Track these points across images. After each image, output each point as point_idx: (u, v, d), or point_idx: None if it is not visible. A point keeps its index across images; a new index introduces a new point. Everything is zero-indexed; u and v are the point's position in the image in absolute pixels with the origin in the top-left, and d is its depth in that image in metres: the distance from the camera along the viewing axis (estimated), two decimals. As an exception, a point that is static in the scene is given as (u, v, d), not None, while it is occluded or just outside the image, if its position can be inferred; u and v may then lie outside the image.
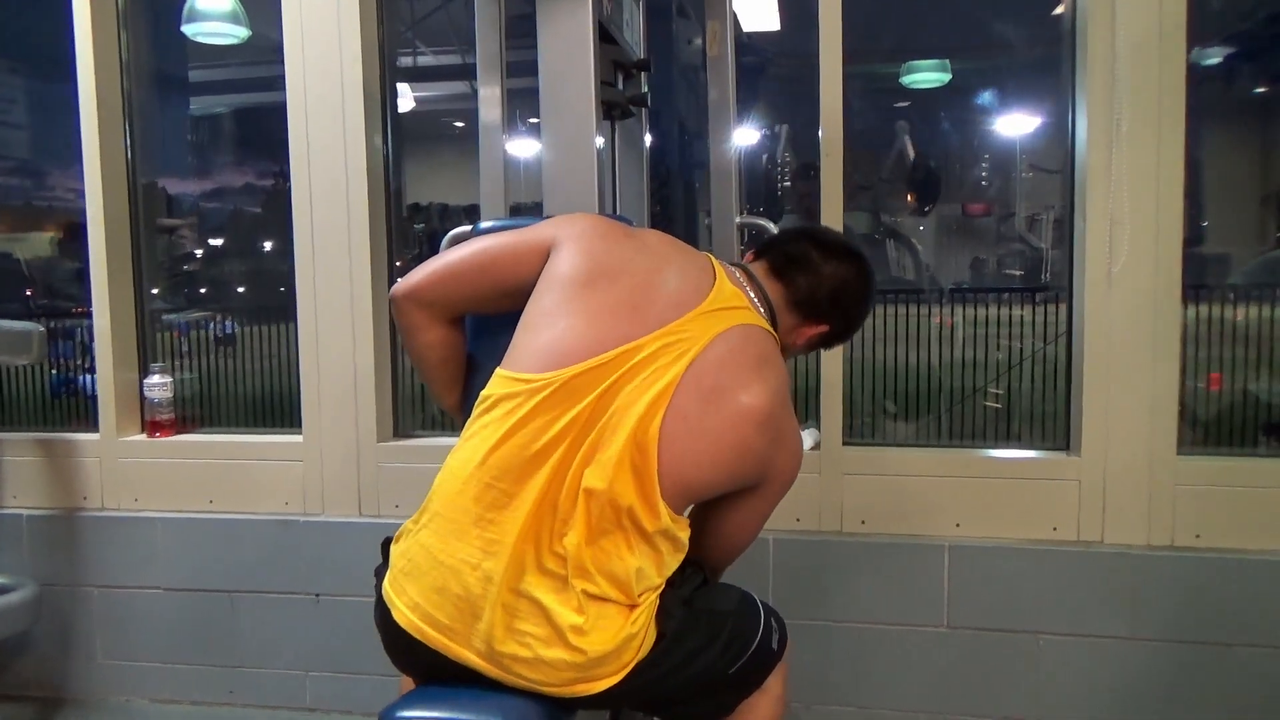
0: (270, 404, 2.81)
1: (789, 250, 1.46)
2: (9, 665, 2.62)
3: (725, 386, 1.22)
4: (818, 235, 1.51)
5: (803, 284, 1.42)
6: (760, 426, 1.23)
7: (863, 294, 1.49)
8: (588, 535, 1.18)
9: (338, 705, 2.50)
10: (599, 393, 1.19)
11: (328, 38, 2.40)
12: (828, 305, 1.44)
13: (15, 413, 2.98)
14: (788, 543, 2.26)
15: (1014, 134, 3.46)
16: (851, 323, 1.52)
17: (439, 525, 1.22)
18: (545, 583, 1.18)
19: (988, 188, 3.75)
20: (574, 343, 1.22)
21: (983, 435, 2.55)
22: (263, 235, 3.53)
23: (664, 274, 1.29)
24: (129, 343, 2.67)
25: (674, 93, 3.06)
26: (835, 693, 2.26)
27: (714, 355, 1.24)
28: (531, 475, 1.18)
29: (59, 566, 2.61)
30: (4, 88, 3.52)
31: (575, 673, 1.19)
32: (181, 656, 2.59)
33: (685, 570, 1.32)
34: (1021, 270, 3.44)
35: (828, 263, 1.44)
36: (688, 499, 1.25)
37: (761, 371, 1.26)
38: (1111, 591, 2.12)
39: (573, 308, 1.24)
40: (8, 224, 3.56)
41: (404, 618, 1.23)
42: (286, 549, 2.50)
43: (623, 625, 1.20)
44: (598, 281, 1.26)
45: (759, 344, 1.30)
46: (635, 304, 1.25)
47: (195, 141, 4.04)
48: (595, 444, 1.18)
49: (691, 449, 1.20)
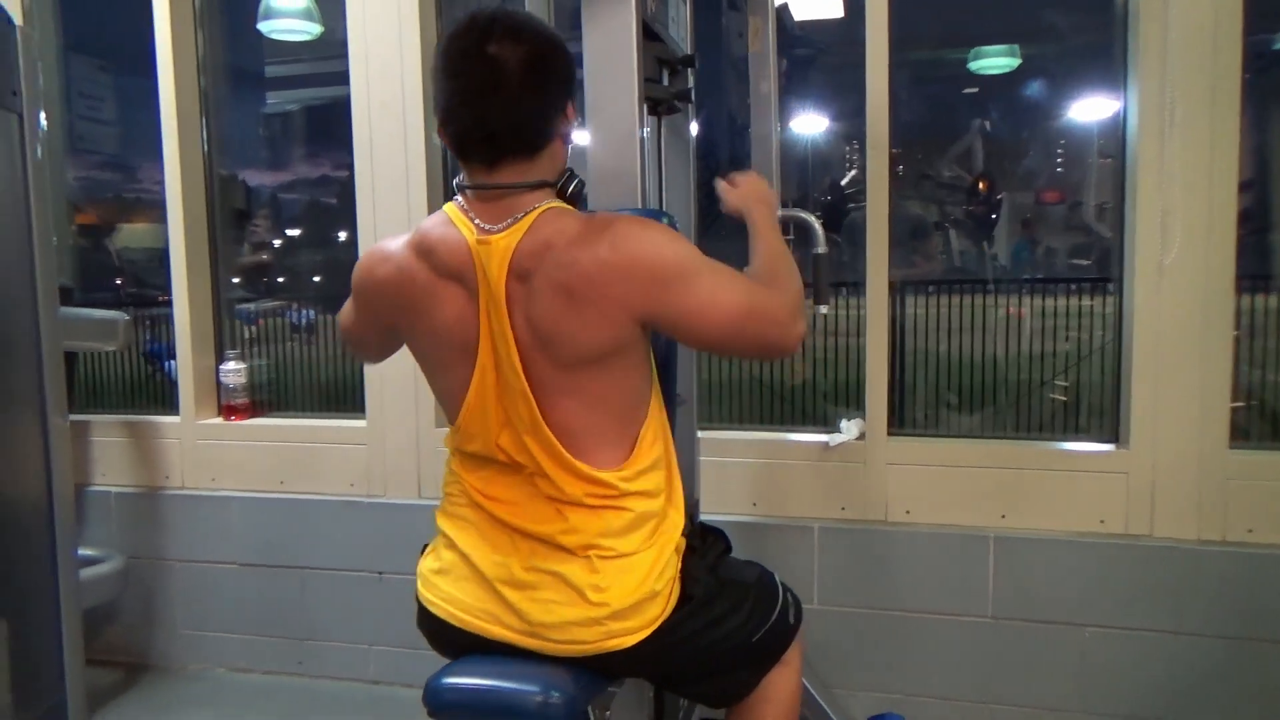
0: (339, 390, 2.93)
1: (457, 126, 1.22)
2: (99, 632, 2.80)
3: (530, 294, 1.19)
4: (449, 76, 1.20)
5: (486, 138, 1.21)
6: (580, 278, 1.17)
7: (539, 60, 1.19)
8: (574, 515, 1.26)
9: (399, 679, 2.61)
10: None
11: (388, 36, 2.49)
12: (538, 114, 1.21)
13: (105, 396, 3.16)
14: (832, 531, 2.29)
15: (1086, 119, 3.39)
16: (570, 72, 1.26)
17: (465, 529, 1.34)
18: (557, 554, 1.26)
19: (1057, 175, 3.68)
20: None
21: (1049, 429, 2.52)
22: (337, 226, 3.65)
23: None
24: (206, 330, 2.82)
25: (724, 86, 3.08)
26: (879, 679, 2.29)
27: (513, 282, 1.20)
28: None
29: (143, 541, 2.79)
30: (93, 85, 3.69)
31: (602, 628, 1.25)
32: (254, 628, 2.74)
33: (707, 538, 1.40)
34: (1090, 260, 3.38)
35: (484, 97, 1.18)
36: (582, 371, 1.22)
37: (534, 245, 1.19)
38: (1160, 585, 2.10)
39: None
40: (99, 216, 3.74)
41: (442, 610, 1.33)
42: (351, 529, 2.62)
43: (642, 577, 1.26)
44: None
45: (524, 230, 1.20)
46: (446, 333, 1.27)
47: (272, 135, 4.20)
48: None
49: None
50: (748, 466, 2.37)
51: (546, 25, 1.25)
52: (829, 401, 2.59)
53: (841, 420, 2.33)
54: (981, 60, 3.69)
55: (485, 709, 1.28)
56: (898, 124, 2.27)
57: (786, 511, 2.34)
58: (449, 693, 1.28)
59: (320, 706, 2.56)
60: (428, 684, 1.29)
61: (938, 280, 3.11)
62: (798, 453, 2.34)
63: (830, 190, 3.53)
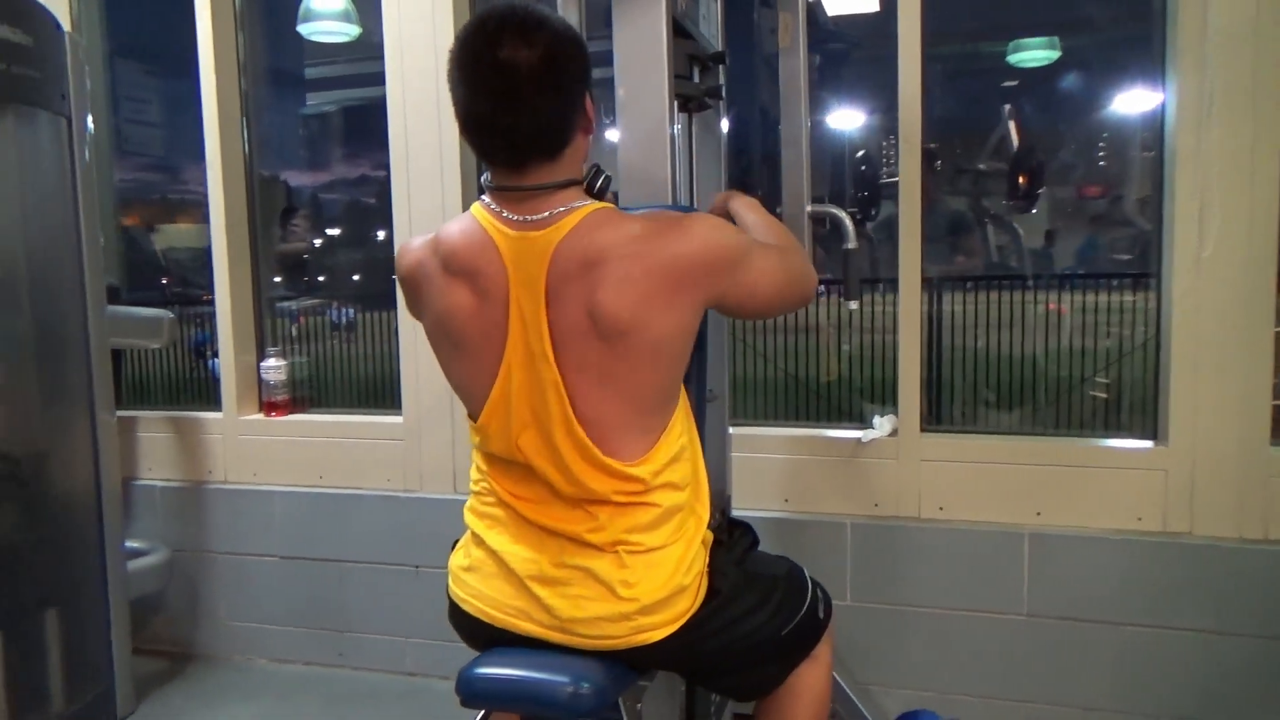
0: (378, 387, 2.98)
1: (477, 134, 1.22)
2: (145, 623, 2.87)
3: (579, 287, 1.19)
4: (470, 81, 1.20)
5: (512, 137, 1.20)
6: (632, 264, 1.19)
7: (553, 61, 1.18)
8: (601, 511, 1.27)
9: (436, 671, 2.65)
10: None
11: (422, 35, 2.53)
12: (558, 113, 1.22)
13: (150, 393, 3.24)
14: (865, 527, 2.29)
15: (1128, 111, 3.33)
16: (585, 63, 1.25)
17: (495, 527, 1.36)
18: (586, 551, 1.28)
19: (1099, 169, 3.62)
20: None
21: (1090, 427, 2.48)
22: (375, 225, 3.70)
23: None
24: (248, 328, 2.88)
25: (756, 82, 3.08)
26: (913, 677, 2.28)
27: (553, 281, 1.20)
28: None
29: (188, 533, 2.85)
30: (139, 88, 3.77)
31: (631, 623, 1.26)
32: (296, 620, 2.79)
33: (734, 532, 1.42)
34: (1132, 254, 3.33)
35: (501, 102, 1.17)
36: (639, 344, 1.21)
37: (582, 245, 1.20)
38: (1200, 584, 2.07)
39: None
40: (145, 217, 3.83)
41: (472, 607, 1.36)
42: (389, 523, 2.67)
43: (670, 572, 1.27)
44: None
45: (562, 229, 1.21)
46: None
47: (312, 135, 4.27)
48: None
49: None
50: (780, 462, 2.37)
51: (557, 19, 1.22)
52: (864, 398, 2.58)
53: (874, 416, 2.32)
54: (1021, 53, 3.64)
55: (517, 699, 1.30)
56: (936, 119, 2.25)
57: (819, 508, 2.34)
58: (481, 682, 1.30)
59: (359, 698, 2.61)
60: (460, 674, 1.31)
61: (975, 276, 3.08)
62: (830, 449, 2.34)
63: (866, 185, 3.51)
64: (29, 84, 2.17)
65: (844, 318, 2.79)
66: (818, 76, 3.26)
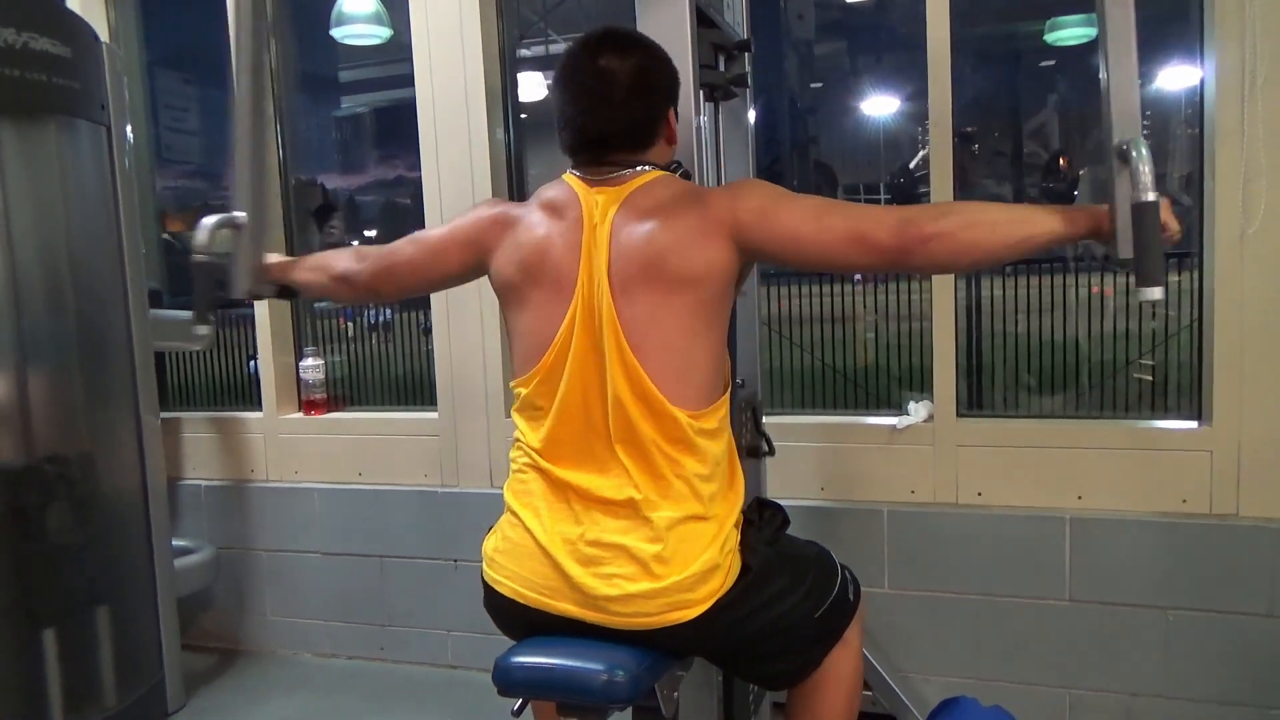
0: (415, 384, 3.00)
1: (570, 131, 1.39)
2: (193, 619, 2.94)
3: (643, 243, 1.32)
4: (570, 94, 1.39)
5: (611, 130, 1.37)
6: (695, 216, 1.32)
7: (644, 72, 1.37)
8: (639, 470, 1.29)
9: (476, 663, 2.67)
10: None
11: (451, 37, 2.54)
12: (643, 120, 1.38)
13: (194, 394, 3.30)
14: (902, 514, 2.27)
15: (1169, 88, 3.27)
16: (673, 82, 1.43)
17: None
18: (618, 525, 1.29)
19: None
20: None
21: (1136, 409, 2.43)
22: (411, 226, 3.73)
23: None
24: (286, 329, 2.92)
25: (783, 70, 3.06)
26: (954, 664, 2.26)
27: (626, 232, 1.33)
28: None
29: (233, 531, 2.91)
30: (178, 97, 3.83)
31: (665, 599, 1.27)
32: (338, 615, 2.84)
33: (764, 512, 1.43)
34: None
35: (595, 105, 1.36)
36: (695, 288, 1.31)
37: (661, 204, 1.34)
38: (1248, 566, 2.02)
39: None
40: (188, 223, 3.89)
41: (507, 589, 1.37)
42: (427, 518, 2.70)
43: (703, 548, 1.28)
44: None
45: (648, 194, 1.35)
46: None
47: (346, 138, 4.31)
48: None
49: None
50: (815, 450, 2.36)
51: (650, 41, 1.41)
52: (901, 386, 2.56)
53: (909, 402, 2.30)
54: (1059, 31, 3.57)
55: (553, 687, 1.31)
56: (971, 101, 2.21)
57: (855, 495, 2.33)
58: (518, 671, 1.32)
59: (402, 691, 2.65)
60: (496, 663, 1.32)
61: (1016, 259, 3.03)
62: (865, 435, 2.32)
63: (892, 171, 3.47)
64: (69, 95, 2.22)
65: (884, 306, 2.74)
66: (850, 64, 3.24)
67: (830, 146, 3.09)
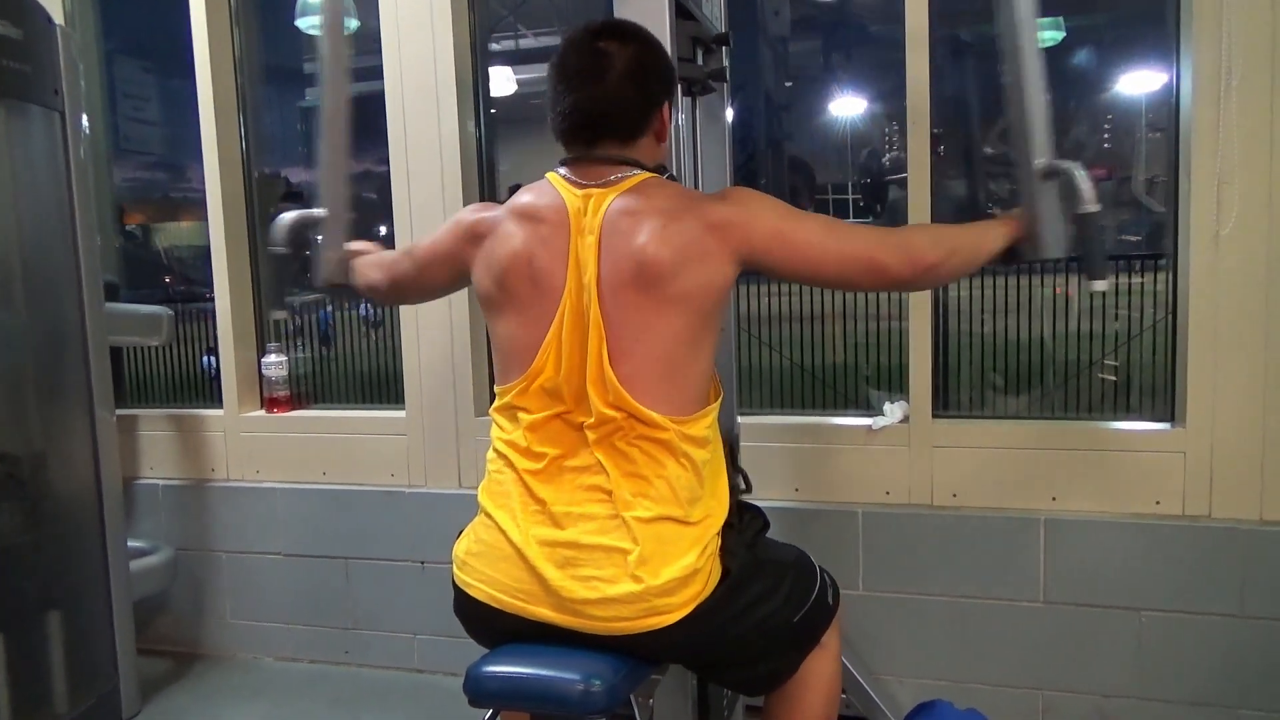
0: (380, 381, 2.94)
1: (562, 112, 1.37)
2: (150, 623, 2.85)
3: (626, 242, 1.30)
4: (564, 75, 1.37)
5: (600, 121, 1.36)
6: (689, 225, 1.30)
7: (641, 58, 1.36)
8: (618, 472, 1.27)
9: (443, 667, 2.62)
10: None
11: (421, 29, 2.49)
12: (635, 105, 1.37)
13: (151, 391, 3.21)
14: (877, 515, 2.25)
15: (1135, 92, 3.29)
16: (669, 77, 1.43)
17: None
18: (594, 526, 1.26)
19: (1105, 150, 3.58)
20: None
21: (1099, 409, 2.44)
22: (380, 221, 3.67)
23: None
24: (248, 324, 2.84)
25: (761, 64, 3.03)
26: (928, 666, 2.24)
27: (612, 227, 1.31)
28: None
29: (191, 532, 2.83)
30: (138, 86, 3.73)
31: (643, 604, 1.24)
32: (301, 618, 2.77)
33: (744, 515, 1.40)
34: (1139, 236, 3.29)
35: (589, 84, 1.35)
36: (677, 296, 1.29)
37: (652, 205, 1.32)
38: (1221, 567, 2.03)
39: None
40: (147, 215, 3.80)
41: (480, 592, 1.33)
42: (393, 518, 2.64)
43: (683, 552, 1.26)
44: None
45: (639, 196, 1.33)
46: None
47: (311, 131, 4.22)
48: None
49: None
50: (789, 451, 2.33)
51: (654, 37, 1.41)
52: (869, 385, 2.54)
53: (884, 403, 2.28)
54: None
55: (527, 697, 1.27)
56: (942, 101, 2.21)
57: (830, 496, 2.31)
58: (490, 681, 1.27)
59: (366, 695, 2.58)
60: (468, 672, 1.28)
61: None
62: (840, 436, 2.30)
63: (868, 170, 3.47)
64: (20, 78, 2.13)
65: (859, 304, 2.73)
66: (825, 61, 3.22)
67: (804, 144, 3.07)
